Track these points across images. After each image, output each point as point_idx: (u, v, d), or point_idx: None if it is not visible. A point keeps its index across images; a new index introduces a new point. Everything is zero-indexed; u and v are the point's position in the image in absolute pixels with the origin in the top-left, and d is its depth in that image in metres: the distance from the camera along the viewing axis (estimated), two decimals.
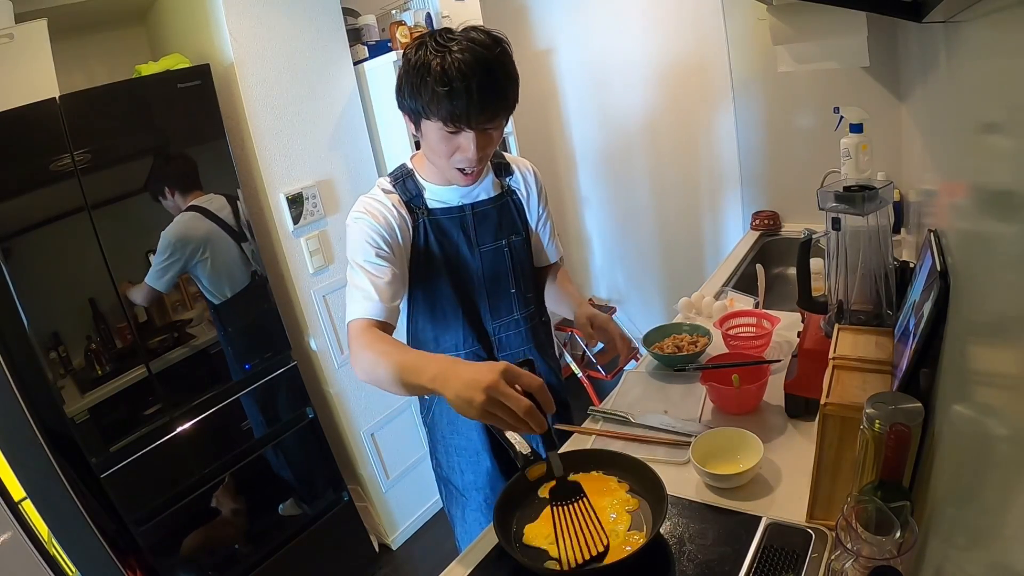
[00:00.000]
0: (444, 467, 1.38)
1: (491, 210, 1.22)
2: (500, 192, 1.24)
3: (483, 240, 1.21)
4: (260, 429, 1.92)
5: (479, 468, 1.34)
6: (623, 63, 2.62)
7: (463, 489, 1.37)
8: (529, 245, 1.30)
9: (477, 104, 0.98)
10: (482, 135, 1.03)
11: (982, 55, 0.68)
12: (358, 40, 2.14)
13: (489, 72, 0.98)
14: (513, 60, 1.05)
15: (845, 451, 0.84)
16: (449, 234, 1.19)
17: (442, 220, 1.18)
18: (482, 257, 1.22)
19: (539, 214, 1.32)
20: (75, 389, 1.55)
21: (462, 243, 1.20)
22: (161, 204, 1.70)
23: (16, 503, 1.42)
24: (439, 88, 0.96)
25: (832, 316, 1.14)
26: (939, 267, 0.83)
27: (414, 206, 1.16)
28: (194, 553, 1.75)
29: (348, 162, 2.11)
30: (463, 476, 1.36)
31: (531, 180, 1.29)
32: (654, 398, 1.36)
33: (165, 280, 1.70)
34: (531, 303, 1.30)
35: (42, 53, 1.57)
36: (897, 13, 1.00)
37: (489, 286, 1.23)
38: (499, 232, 1.23)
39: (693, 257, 2.80)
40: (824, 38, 1.89)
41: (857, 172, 1.82)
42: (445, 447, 1.36)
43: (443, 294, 1.21)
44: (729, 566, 0.86)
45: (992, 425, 0.54)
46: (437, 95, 0.97)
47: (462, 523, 1.39)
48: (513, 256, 1.25)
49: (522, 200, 1.28)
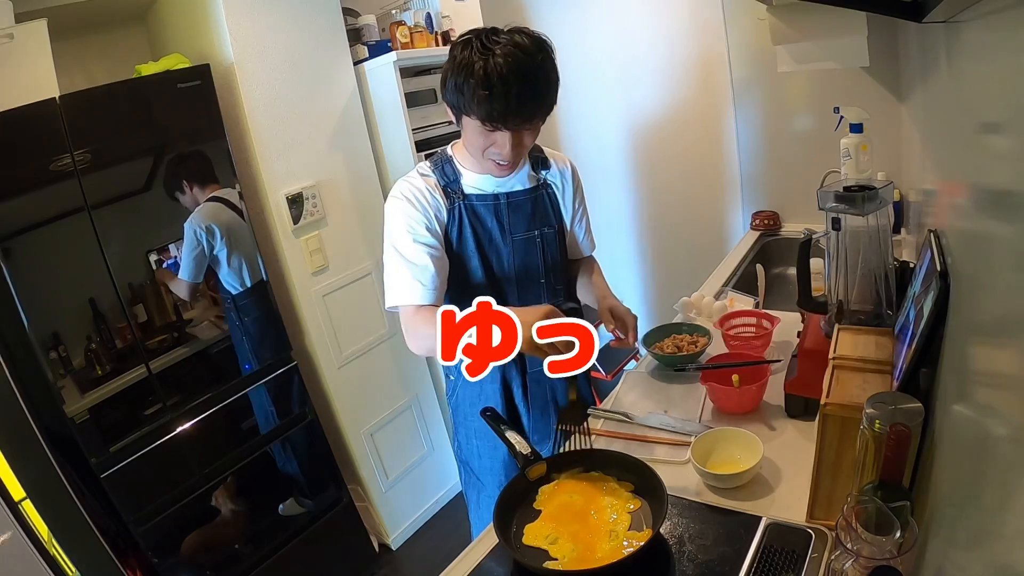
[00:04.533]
0: (464, 449, 1.41)
1: (525, 200, 1.25)
2: (536, 184, 1.27)
3: (516, 229, 1.24)
4: (260, 429, 1.92)
5: (496, 454, 1.36)
6: (622, 63, 2.62)
7: (479, 473, 1.40)
8: (562, 238, 1.33)
9: (515, 108, 1.03)
10: (517, 134, 1.09)
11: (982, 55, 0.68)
12: (358, 40, 2.14)
13: (528, 78, 1.02)
14: (555, 64, 1.09)
15: (845, 451, 0.84)
16: (483, 220, 1.22)
17: (477, 206, 1.21)
18: (514, 245, 1.25)
19: (575, 209, 1.35)
20: (75, 389, 1.54)
21: (495, 229, 1.23)
22: (179, 200, 1.72)
23: (16, 503, 1.41)
24: (480, 90, 1.01)
25: (832, 316, 1.14)
26: (939, 267, 0.83)
27: (451, 190, 1.20)
28: (194, 553, 1.75)
29: (348, 162, 2.11)
30: (480, 460, 1.39)
31: (568, 176, 1.32)
32: (654, 398, 1.36)
33: (197, 270, 1.75)
34: (560, 294, 1.32)
35: (42, 53, 1.57)
36: (897, 13, 1.00)
37: (519, 274, 1.26)
38: (532, 222, 1.26)
39: (693, 257, 2.79)
40: (824, 38, 1.89)
41: (857, 172, 1.82)
42: (466, 429, 1.39)
43: (474, 277, 1.24)
44: (729, 566, 0.86)
45: (992, 425, 0.54)
46: (478, 96, 1.01)
47: (476, 508, 1.43)
48: (545, 247, 1.28)
49: (557, 194, 1.31)
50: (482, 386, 1.33)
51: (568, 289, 1.38)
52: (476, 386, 1.33)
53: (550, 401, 1.36)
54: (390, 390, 2.29)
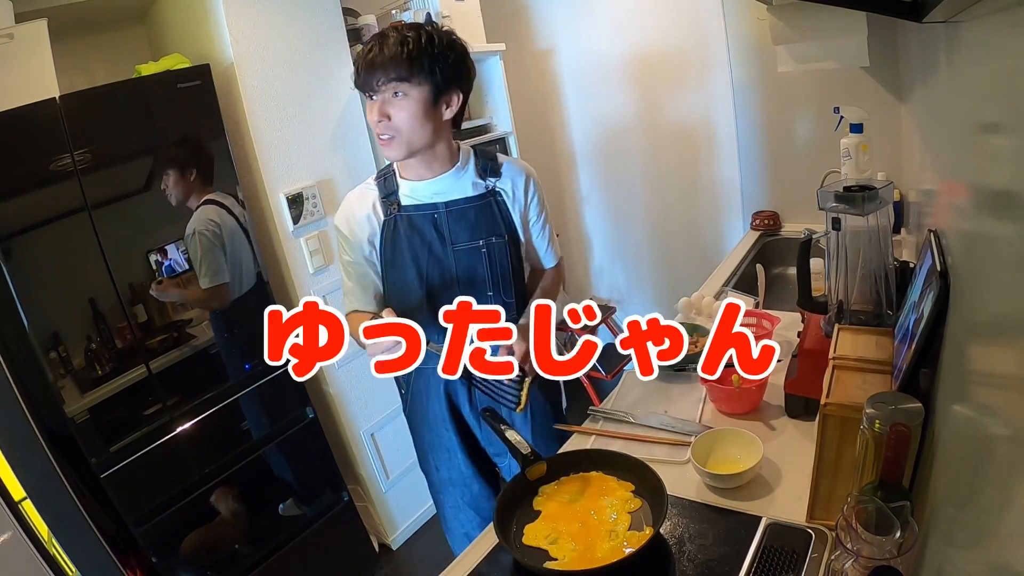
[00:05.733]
0: (421, 462, 1.45)
1: (468, 209, 1.22)
2: (483, 192, 1.23)
3: (458, 238, 1.22)
4: (260, 429, 1.91)
5: (452, 465, 1.38)
6: (622, 63, 2.62)
7: (439, 485, 1.42)
8: (514, 247, 1.27)
9: (366, 70, 1.09)
10: (382, 105, 1.11)
11: (982, 55, 0.68)
12: (358, 40, 2.14)
13: (385, 45, 1.08)
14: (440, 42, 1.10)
15: (845, 451, 0.84)
16: (421, 230, 1.21)
17: (413, 216, 1.21)
18: (456, 256, 1.22)
19: (532, 217, 1.30)
20: (75, 389, 1.54)
21: (435, 240, 1.21)
22: (170, 198, 1.71)
23: (16, 503, 1.41)
24: (354, 65, 1.13)
25: (832, 316, 1.14)
26: (939, 267, 0.83)
27: (388, 202, 1.22)
28: (194, 553, 1.75)
29: (348, 162, 2.11)
30: (438, 472, 1.41)
31: (520, 184, 1.27)
32: (654, 398, 1.36)
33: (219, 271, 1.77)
34: (511, 309, 1.27)
35: (42, 53, 1.56)
36: (897, 13, 1.00)
37: (464, 286, 1.22)
38: (476, 231, 1.22)
39: (693, 257, 2.79)
40: (824, 38, 1.89)
41: (857, 172, 1.82)
42: (420, 442, 1.41)
43: (411, 288, 1.23)
44: (729, 566, 0.86)
45: (992, 425, 0.54)
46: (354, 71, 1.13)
47: (442, 517, 1.47)
48: (491, 256, 1.23)
49: (507, 202, 1.25)
50: (428, 399, 1.33)
51: (521, 301, 1.30)
52: (424, 399, 1.33)
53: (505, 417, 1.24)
54: (390, 390, 2.28)
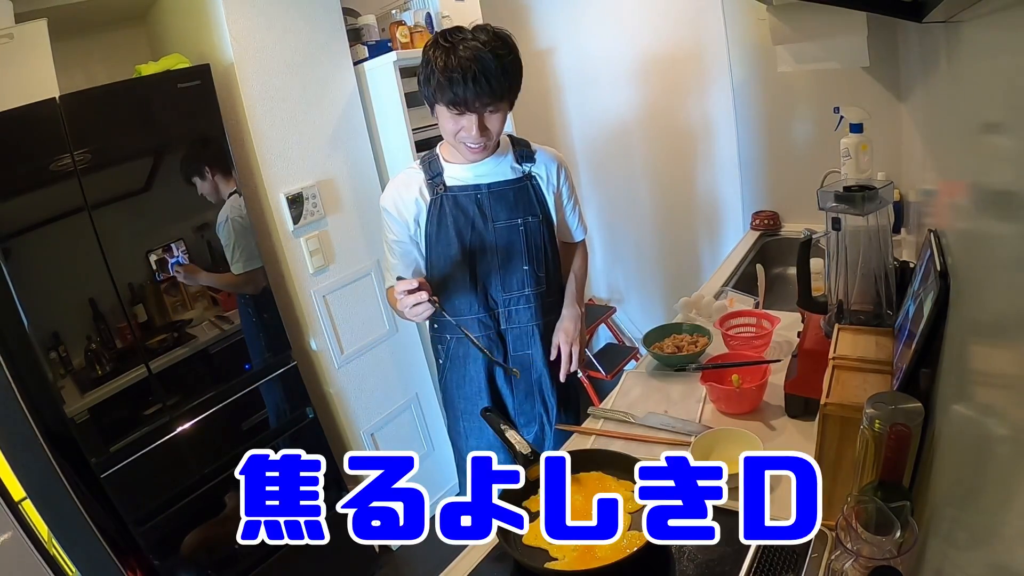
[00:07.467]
0: (452, 431, 1.50)
1: (508, 190, 1.34)
2: (520, 176, 1.35)
3: (497, 216, 1.33)
4: (260, 429, 1.91)
5: (483, 435, 1.42)
6: (623, 63, 2.62)
7: (465, 453, 1.45)
8: (547, 227, 1.39)
9: (474, 91, 1.15)
10: (481, 117, 1.20)
11: (982, 55, 0.68)
12: (358, 40, 2.14)
13: (485, 64, 1.14)
14: (514, 55, 1.22)
15: (845, 451, 0.84)
16: (465, 208, 1.32)
17: (459, 196, 1.32)
18: (496, 232, 1.34)
19: (564, 198, 1.44)
20: (75, 389, 1.54)
21: (477, 218, 1.33)
22: (209, 197, 1.76)
23: (16, 503, 1.41)
24: (443, 79, 1.15)
25: (832, 316, 1.14)
26: (939, 267, 0.83)
27: (434, 183, 1.32)
28: (194, 553, 1.75)
29: (348, 162, 2.11)
30: (466, 441, 1.45)
31: (554, 169, 1.39)
32: (654, 398, 1.36)
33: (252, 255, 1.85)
34: (543, 282, 1.40)
35: (42, 53, 1.56)
36: (897, 13, 1.00)
37: (502, 260, 1.35)
38: (514, 211, 1.34)
39: (693, 257, 2.80)
40: (824, 38, 1.89)
41: (857, 172, 1.82)
42: (453, 410, 1.46)
43: (456, 262, 1.34)
44: (729, 566, 0.86)
45: (992, 425, 0.54)
46: (443, 84, 1.15)
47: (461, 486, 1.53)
48: (528, 235, 1.35)
49: (542, 185, 1.38)
50: (466, 369, 1.41)
51: (554, 278, 1.44)
52: (461, 369, 1.41)
53: (534, 383, 1.43)
54: (390, 389, 2.29)
